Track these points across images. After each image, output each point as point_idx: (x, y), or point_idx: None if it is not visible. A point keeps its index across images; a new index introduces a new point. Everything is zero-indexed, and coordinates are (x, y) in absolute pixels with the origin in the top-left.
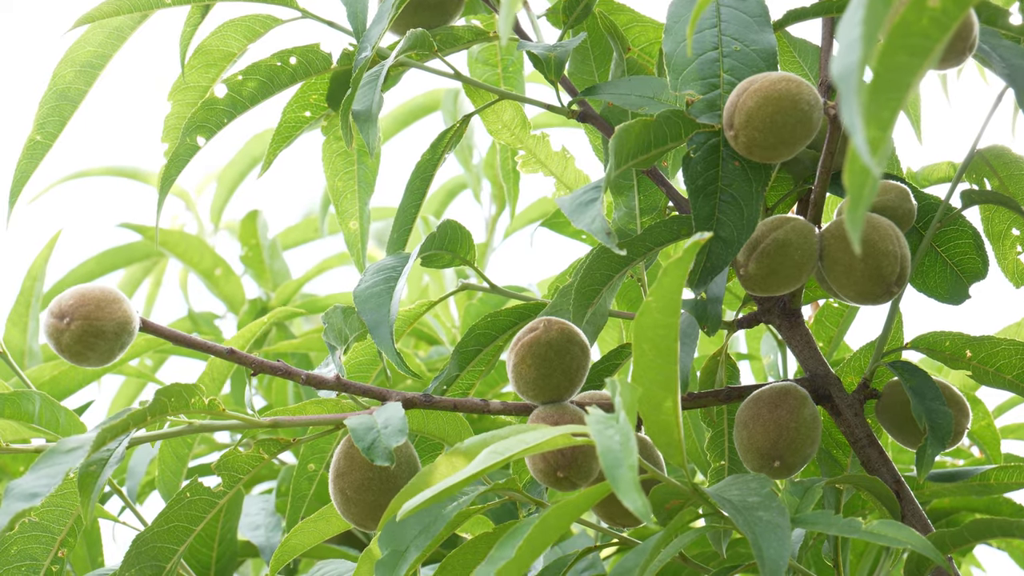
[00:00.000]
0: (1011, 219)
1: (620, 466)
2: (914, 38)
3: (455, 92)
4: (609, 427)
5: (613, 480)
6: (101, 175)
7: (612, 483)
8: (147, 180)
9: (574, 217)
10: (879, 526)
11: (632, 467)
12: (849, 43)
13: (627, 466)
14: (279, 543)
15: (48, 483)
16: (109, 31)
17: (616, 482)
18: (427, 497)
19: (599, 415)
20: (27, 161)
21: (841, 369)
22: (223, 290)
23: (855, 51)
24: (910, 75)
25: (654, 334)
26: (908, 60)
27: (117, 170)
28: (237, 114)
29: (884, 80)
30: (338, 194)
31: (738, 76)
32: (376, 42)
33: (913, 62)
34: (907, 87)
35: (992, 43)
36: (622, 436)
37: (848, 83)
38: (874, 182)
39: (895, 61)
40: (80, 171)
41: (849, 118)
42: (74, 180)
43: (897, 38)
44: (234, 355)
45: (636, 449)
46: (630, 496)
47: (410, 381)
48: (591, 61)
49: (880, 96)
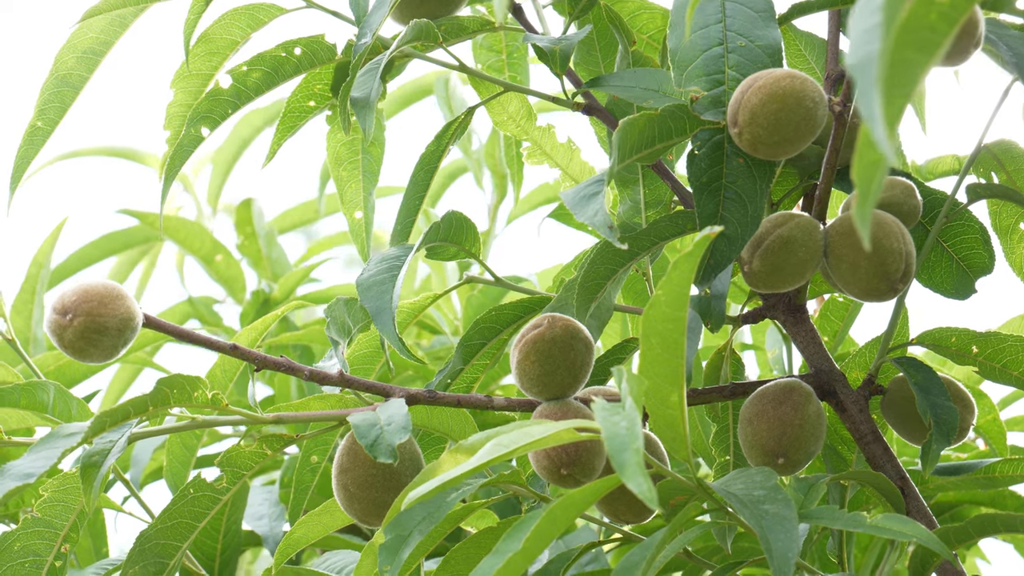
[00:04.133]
0: (1019, 213)
1: (626, 450)
2: (922, 32)
3: (445, 78)
4: (615, 414)
5: (618, 464)
6: (98, 155)
7: (617, 467)
8: (144, 161)
9: (576, 211)
10: (883, 520)
11: (638, 451)
12: (866, 30)
13: (632, 450)
14: (282, 533)
15: (44, 464)
16: (112, 18)
17: (621, 466)
18: (431, 488)
19: (605, 404)
20: (27, 147)
21: (846, 365)
22: (223, 275)
23: (873, 41)
24: (918, 70)
25: (663, 327)
26: (916, 55)
27: (115, 150)
28: (241, 104)
29: (892, 75)
30: (342, 183)
31: (743, 72)
32: (376, 29)
33: (921, 57)
34: (914, 82)
35: (999, 33)
36: (628, 422)
37: (867, 74)
38: (884, 176)
39: (903, 56)
40: (77, 150)
41: (867, 109)
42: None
43: (905, 33)
44: (237, 351)
45: (641, 434)
46: (635, 480)
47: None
48: (596, 52)
49: (887, 91)
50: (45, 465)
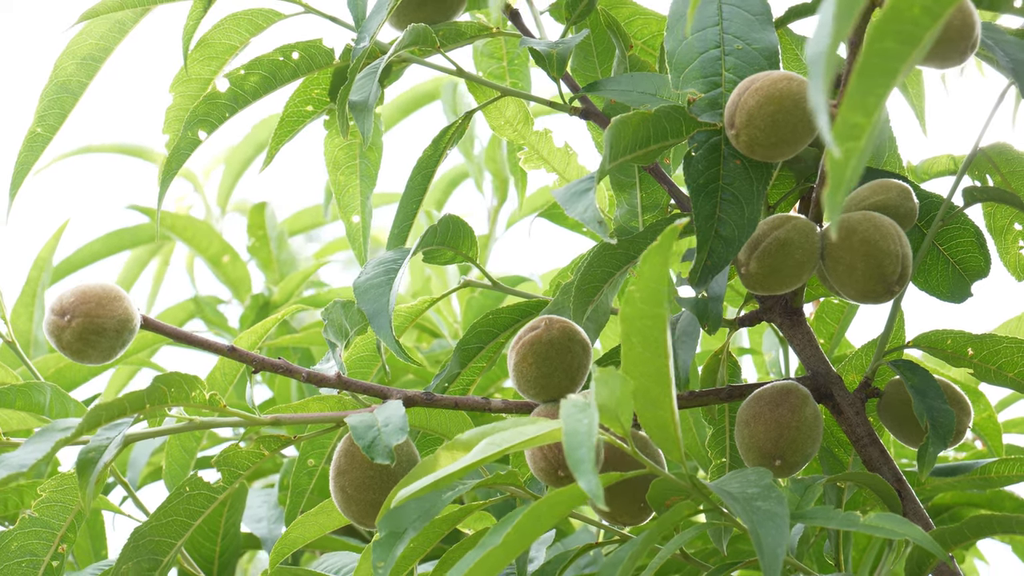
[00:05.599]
0: (1013, 214)
1: (580, 447)
2: (904, 25)
3: (454, 84)
4: (581, 412)
5: (572, 462)
6: (107, 152)
7: (571, 465)
8: (153, 159)
9: (567, 207)
10: (879, 519)
11: (591, 448)
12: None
13: (587, 447)
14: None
15: (38, 454)
16: (111, 24)
17: (575, 464)
18: (425, 484)
19: (575, 401)
20: (27, 153)
21: (843, 367)
22: (230, 276)
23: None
24: (898, 62)
25: (641, 324)
26: (897, 47)
27: (123, 147)
28: (239, 108)
29: (871, 66)
30: (340, 187)
31: (740, 74)
32: (374, 33)
33: (902, 49)
34: (894, 74)
35: (995, 38)
36: (589, 420)
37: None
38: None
39: (883, 47)
40: (86, 146)
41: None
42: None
43: (886, 24)
44: (235, 352)
45: (596, 432)
46: (585, 476)
47: (411, 376)
48: (594, 57)
49: (866, 82)
50: (39, 455)
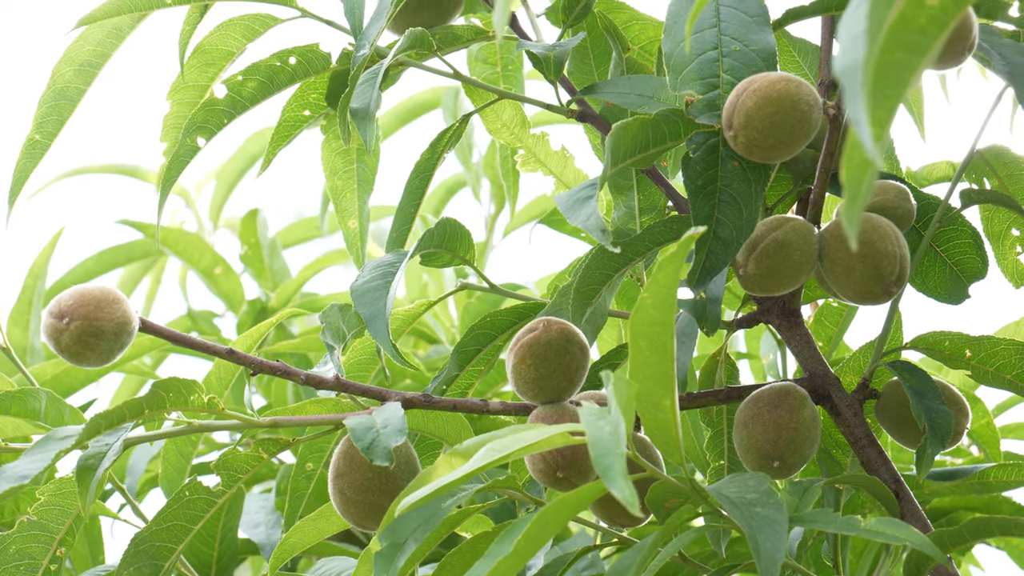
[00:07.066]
0: (1011, 219)
1: (608, 454)
2: (912, 35)
3: (456, 90)
4: (601, 419)
5: (601, 469)
6: (100, 172)
7: (600, 471)
8: (146, 178)
9: (569, 214)
10: (877, 523)
11: (620, 455)
12: (852, 38)
13: (615, 454)
14: (279, 540)
15: (39, 465)
16: (108, 30)
17: (604, 471)
18: (426, 493)
19: (592, 408)
20: (26, 160)
21: (840, 369)
22: (222, 289)
23: (859, 47)
24: (908, 73)
25: (650, 330)
26: (906, 57)
27: (117, 167)
28: (237, 114)
29: (882, 77)
30: (337, 193)
31: (737, 76)
32: (374, 40)
33: (911, 59)
34: (905, 84)
35: (992, 41)
36: (612, 427)
37: (853, 79)
38: (873, 177)
39: (893, 58)
40: (79, 168)
41: (855, 113)
42: (74, 177)
43: (895, 35)
44: (233, 355)
45: (625, 439)
46: (617, 484)
47: (409, 380)
48: (590, 60)
49: (877, 93)
50: (40, 466)
